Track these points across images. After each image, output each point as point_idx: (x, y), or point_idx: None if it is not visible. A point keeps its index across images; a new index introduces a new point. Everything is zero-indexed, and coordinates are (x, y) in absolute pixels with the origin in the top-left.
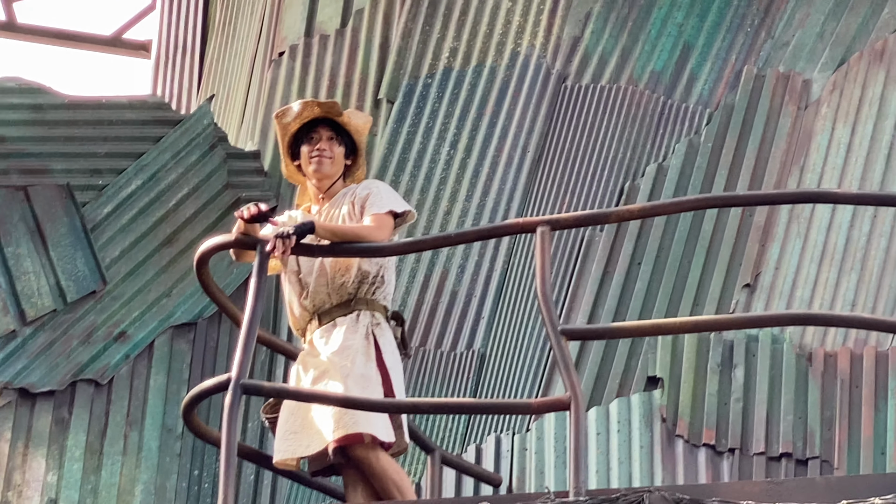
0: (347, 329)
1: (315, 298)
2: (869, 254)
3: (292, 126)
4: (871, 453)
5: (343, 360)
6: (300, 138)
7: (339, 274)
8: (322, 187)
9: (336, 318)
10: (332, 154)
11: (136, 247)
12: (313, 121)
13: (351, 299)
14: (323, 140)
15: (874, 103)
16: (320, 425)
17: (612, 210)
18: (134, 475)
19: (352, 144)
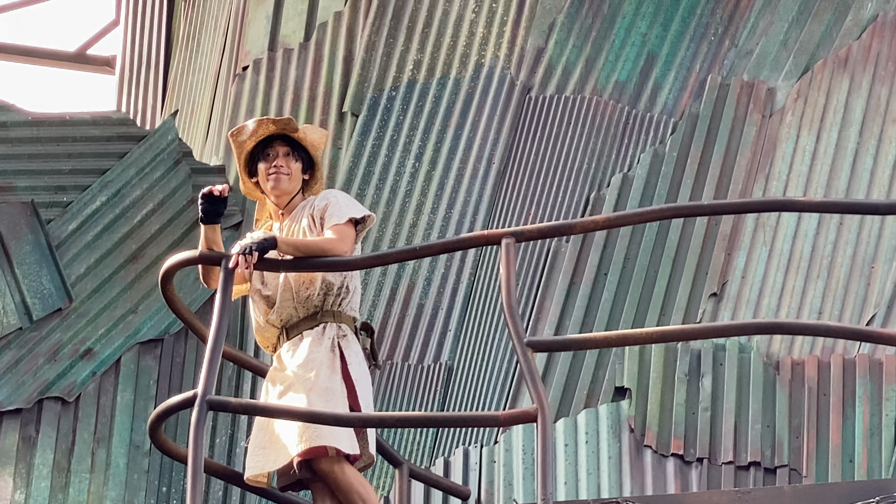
0: (313, 342)
1: (282, 313)
2: (835, 261)
3: (248, 144)
4: (839, 461)
5: (307, 372)
6: (256, 155)
7: (304, 287)
8: (281, 203)
9: (303, 332)
10: (289, 170)
11: (102, 263)
12: (269, 137)
13: (317, 312)
14: (279, 157)
15: (838, 111)
16: (285, 440)
17: (578, 221)
18: (102, 492)
19: (309, 159)
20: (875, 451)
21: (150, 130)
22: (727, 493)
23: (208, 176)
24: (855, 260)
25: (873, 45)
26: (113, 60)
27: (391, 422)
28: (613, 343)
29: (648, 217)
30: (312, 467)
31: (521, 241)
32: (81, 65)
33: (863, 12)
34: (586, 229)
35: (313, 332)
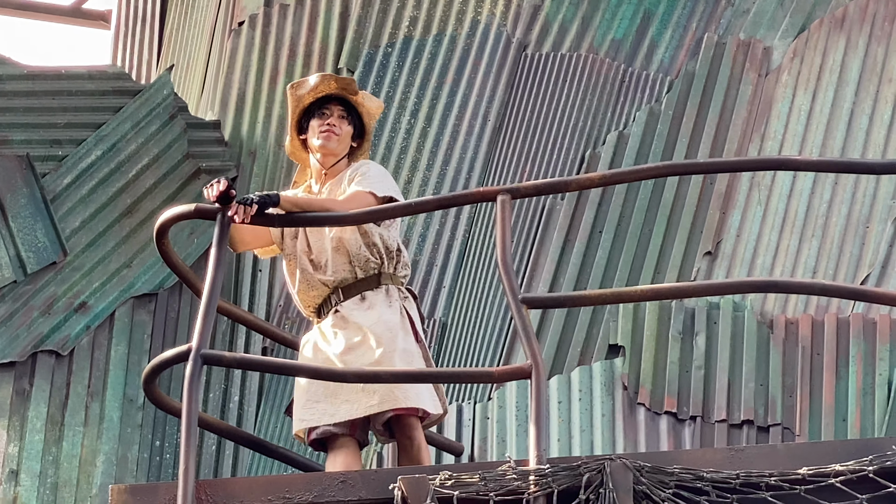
0: (381, 304)
1: (336, 275)
2: (830, 221)
3: (306, 99)
4: (832, 420)
5: (386, 332)
6: (310, 113)
7: (362, 249)
8: (326, 163)
9: (363, 292)
10: (340, 132)
11: (97, 217)
12: (326, 97)
13: (377, 274)
14: (334, 116)
15: (834, 70)
16: (363, 394)
17: (573, 178)
18: (95, 446)
19: (360, 127)
20: (868, 410)
21: (146, 85)
22: (720, 451)
23: (204, 130)
24: (850, 219)
25: (870, 4)
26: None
27: (385, 377)
28: (607, 300)
29: (643, 175)
30: (391, 424)
31: (517, 197)
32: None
33: None
34: (582, 187)
35: (378, 294)
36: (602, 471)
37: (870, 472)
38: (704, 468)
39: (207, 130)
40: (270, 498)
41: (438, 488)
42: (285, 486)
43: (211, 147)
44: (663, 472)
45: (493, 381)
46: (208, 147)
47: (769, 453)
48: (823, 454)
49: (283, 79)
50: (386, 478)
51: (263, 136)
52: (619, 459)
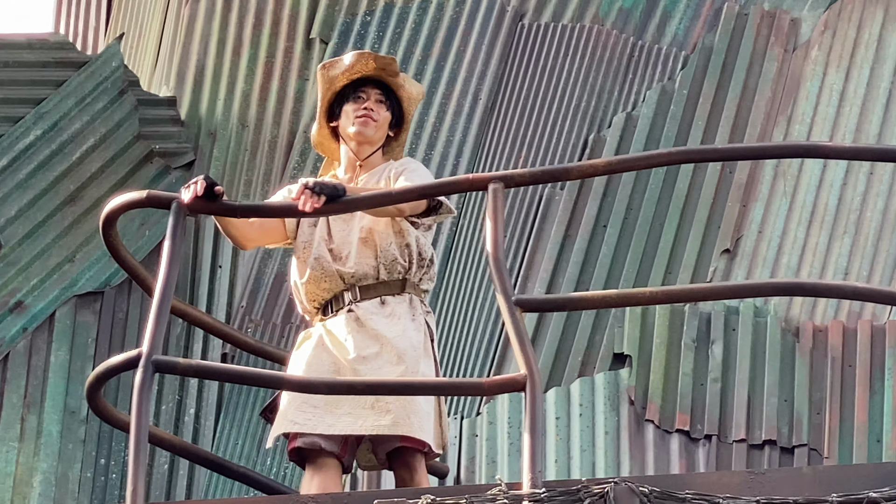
0: (405, 315)
1: (357, 268)
2: (864, 216)
3: (339, 80)
4: (865, 441)
5: (409, 351)
6: (343, 97)
7: (392, 247)
8: (361, 154)
9: (383, 295)
10: (378, 117)
11: (36, 205)
12: (360, 80)
13: (401, 279)
14: (371, 100)
15: (871, 45)
16: (365, 409)
17: (574, 165)
18: (32, 464)
19: (398, 114)
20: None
21: (92, 56)
22: (738, 475)
23: (157, 108)
24: (886, 214)
25: None
26: None
27: (360, 388)
28: (612, 303)
29: (654, 162)
30: (391, 453)
31: (511, 186)
32: None
33: None
34: (585, 174)
35: (400, 302)
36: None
37: None
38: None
39: (162, 108)
40: None
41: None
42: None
43: (165, 126)
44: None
45: (482, 393)
46: (162, 127)
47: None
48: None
49: (247, 51)
50: (360, 502)
51: (225, 115)
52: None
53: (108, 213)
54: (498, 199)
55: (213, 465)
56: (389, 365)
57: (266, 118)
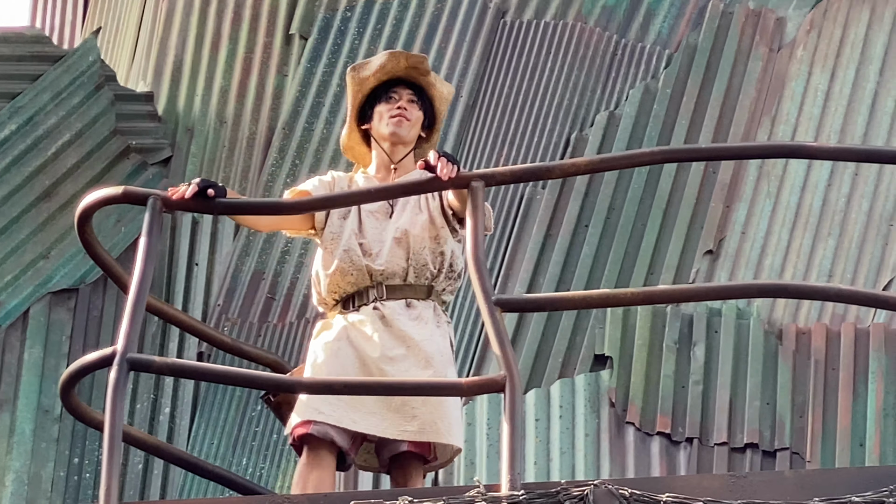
0: (431, 321)
1: (388, 266)
2: (849, 217)
3: (370, 81)
4: (847, 445)
5: (437, 356)
6: (373, 99)
7: (427, 252)
8: (394, 155)
9: (409, 299)
10: (412, 116)
11: (10, 201)
12: (390, 81)
13: (428, 286)
14: (404, 100)
15: (856, 45)
16: (389, 412)
17: (556, 164)
18: (4, 463)
19: (430, 115)
20: (889, 433)
21: (69, 50)
22: (720, 478)
23: (134, 103)
24: (871, 216)
25: None
26: None
27: (339, 388)
28: (593, 304)
29: (637, 161)
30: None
31: (491, 185)
32: None
33: None
34: (566, 173)
35: (426, 307)
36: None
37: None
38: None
39: (138, 103)
40: None
41: None
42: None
43: (142, 122)
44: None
45: (461, 394)
46: (139, 122)
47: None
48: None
49: (226, 46)
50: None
51: (203, 111)
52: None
53: (84, 209)
54: (478, 198)
55: (188, 465)
56: (417, 368)
57: (244, 114)
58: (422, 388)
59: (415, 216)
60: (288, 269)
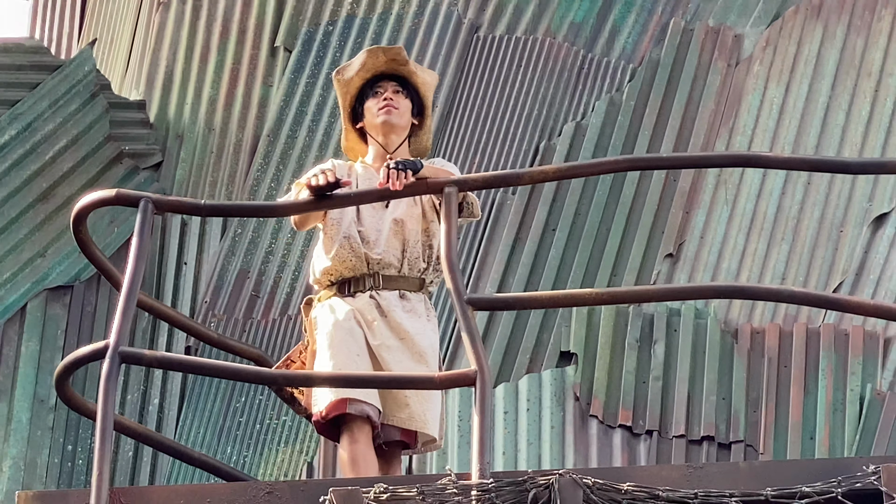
0: (423, 314)
1: (385, 255)
2: (801, 224)
3: (355, 81)
4: (799, 438)
5: (429, 350)
6: (362, 98)
7: (419, 245)
8: (389, 145)
9: (404, 291)
10: (399, 105)
11: (9, 202)
12: (375, 79)
13: (421, 278)
14: (389, 91)
15: (810, 61)
16: (385, 398)
17: (525, 171)
18: (2, 449)
19: (417, 103)
20: (838, 427)
21: (66, 60)
22: (678, 468)
23: (127, 111)
24: (823, 222)
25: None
26: None
27: (318, 381)
28: (560, 303)
29: (602, 169)
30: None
31: (465, 190)
32: None
33: None
34: (535, 180)
35: (419, 299)
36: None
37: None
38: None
39: (131, 111)
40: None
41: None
42: (207, 495)
43: (135, 129)
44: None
45: (434, 387)
46: (132, 129)
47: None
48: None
49: (214, 57)
50: (316, 489)
51: (192, 118)
52: (568, 475)
53: (79, 210)
54: (452, 203)
55: (176, 453)
56: (411, 361)
57: (231, 122)
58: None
59: (410, 208)
60: (271, 269)
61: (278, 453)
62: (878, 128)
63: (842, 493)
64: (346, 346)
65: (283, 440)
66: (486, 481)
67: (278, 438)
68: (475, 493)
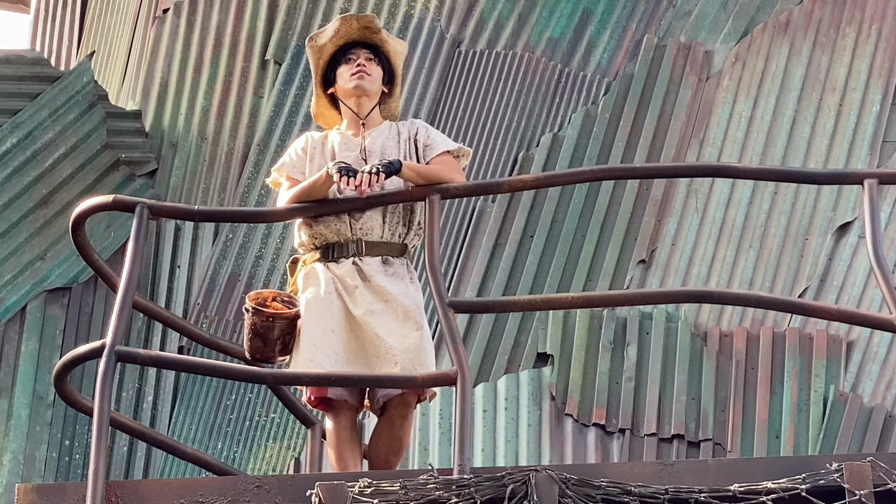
0: (405, 276)
1: (364, 224)
2: (768, 231)
3: (328, 48)
4: (765, 437)
5: (414, 308)
6: (334, 64)
7: (399, 209)
8: (362, 111)
9: (387, 257)
10: (371, 71)
11: (10, 207)
12: (347, 45)
13: (403, 243)
14: (361, 59)
15: (777, 76)
16: (377, 360)
17: (505, 180)
18: (2, 444)
19: (388, 72)
20: (802, 427)
21: (65, 71)
22: (649, 465)
23: (124, 120)
24: (789, 231)
25: (815, 10)
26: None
27: (306, 380)
28: (537, 307)
29: (578, 178)
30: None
31: (447, 198)
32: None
33: None
34: (514, 189)
35: (401, 264)
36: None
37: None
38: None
39: (128, 120)
40: (183, 501)
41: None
42: (198, 489)
43: (131, 137)
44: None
45: (416, 386)
46: (128, 137)
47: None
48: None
49: (207, 69)
50: (303, 484)
51: (186, 127)
52: (544, 471)
53: (77, 215)
54: (435, 209)
55: (169, 448)
56: (396, 321)
57: (223, 132)
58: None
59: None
60: (261, 272)
61: (267, 449)
62: (842, 140)
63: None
64: (322, 321)
65: (272, 436)
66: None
67: (267, 435)
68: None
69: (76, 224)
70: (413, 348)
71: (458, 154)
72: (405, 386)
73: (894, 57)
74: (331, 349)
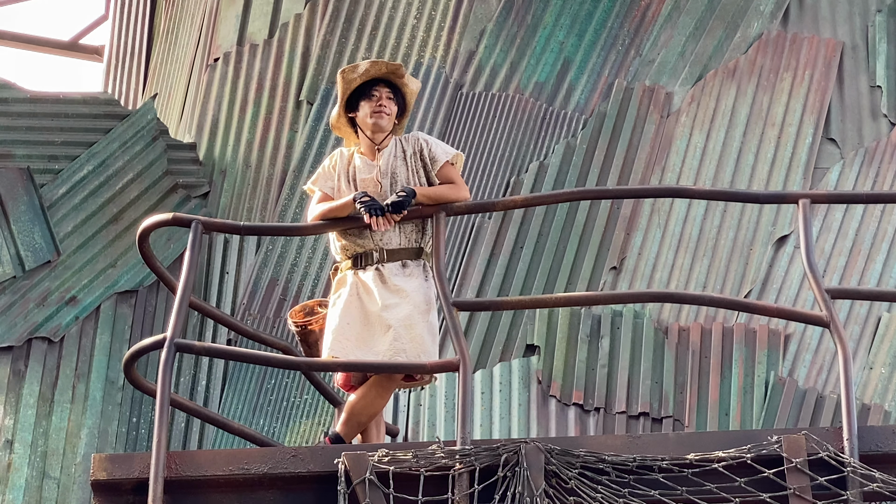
0: (420, 276)
1: (384, 237)
2: (719, 243)
3: (356, 81)
4: (716, 414)
5: (422, 301)
6: (359, 93)
7: (412, 222)
8: (377, 139)
9: (404, 259)
10: (390, 111)
11: (87, 223)
12: (372, 80)
13: (419, 247)
14: (383, 98)
15: (726, 114)
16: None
17: (499, 200)
18: (80, 421)
19: (402, 105)
20: (748, 406)
21: (132, 111)
22: (620, 438)
23: (182, 151)
24: (736, 242)
25: (758, 58)
26: (101, 49)
27: (333, 367)
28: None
29: (560, 199)
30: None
31: (451, 215)
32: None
33: (749, 30)
34: (506, 207)
35: (417, 265)
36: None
37: (748, 458)
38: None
39: (185, 151)
40: (231, 468)
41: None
42: (244, 458)
43: (187, 165)
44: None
45: (426, 372)
46: (185, 165)
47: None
48: (708, 443)
49: (251, 108)
50: (332, 454)
51: (233, 157)
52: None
53: (143, 230)
54: (441, 225)
55: (219, 424)
56: (408, 307)
57: (264, 160)
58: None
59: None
60: (296, 278)
61: (301, 425)
62: (780, 167)
63: (751, 458)
64: (342, 317)
65: (305, 414)
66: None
67: (301, 413)
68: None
69: (142, 237)
70: (417, 339)
71: (454, 161)
72: (416, 371)
73: (824, 97)
74: (347, 340)
